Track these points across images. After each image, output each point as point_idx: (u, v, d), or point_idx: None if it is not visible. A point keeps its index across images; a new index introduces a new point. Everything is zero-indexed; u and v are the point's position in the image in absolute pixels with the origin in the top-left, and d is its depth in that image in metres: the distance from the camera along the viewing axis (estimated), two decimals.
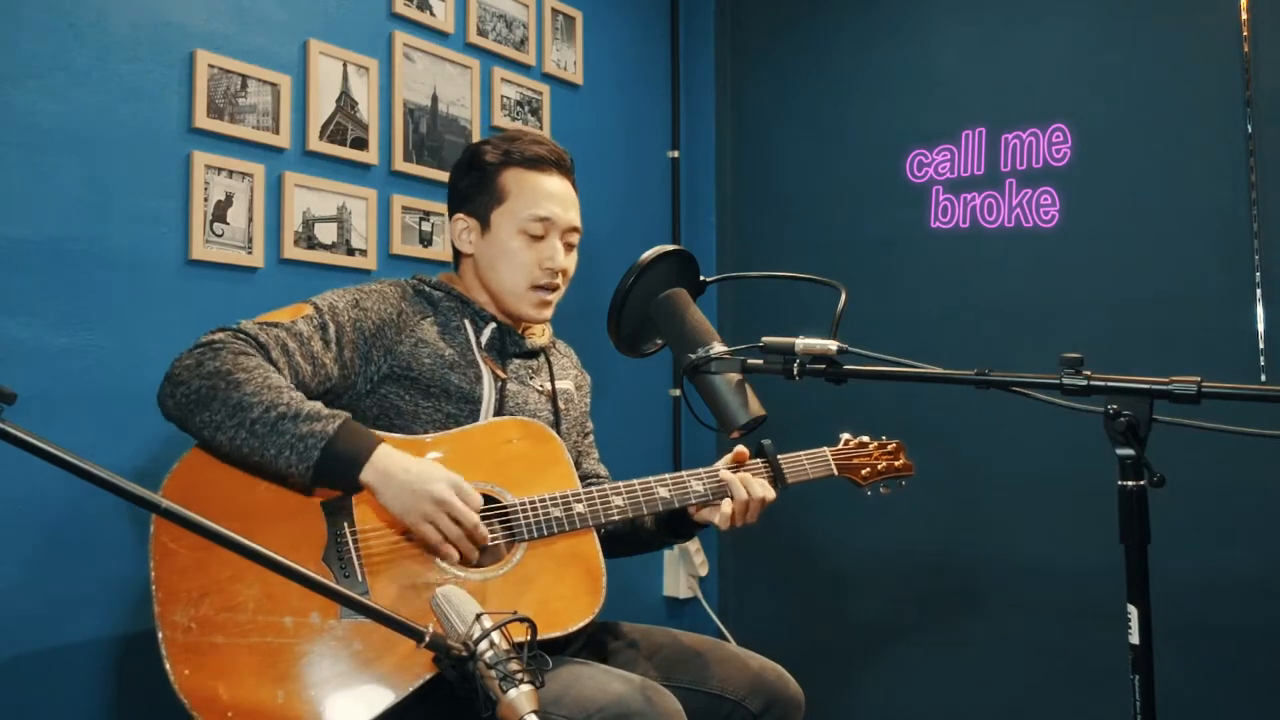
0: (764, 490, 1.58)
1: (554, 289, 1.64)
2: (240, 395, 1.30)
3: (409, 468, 1.34)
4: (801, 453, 1.71)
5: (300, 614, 1.28)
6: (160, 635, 1.23)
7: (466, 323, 1.61)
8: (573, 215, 1.65)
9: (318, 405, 1.34)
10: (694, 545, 2.88)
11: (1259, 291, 2.18)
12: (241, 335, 1.38)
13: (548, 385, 1.67)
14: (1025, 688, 2.41)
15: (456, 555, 1.36)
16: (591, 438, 1.82)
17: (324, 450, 1.30)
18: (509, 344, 1.64)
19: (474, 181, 1.64)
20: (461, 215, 1.66)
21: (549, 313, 1.66)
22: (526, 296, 1.62)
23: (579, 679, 1.35)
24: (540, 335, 1.72)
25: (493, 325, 1.62)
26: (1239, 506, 2.18)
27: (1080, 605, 2.32)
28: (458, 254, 1.69)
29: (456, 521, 1.33)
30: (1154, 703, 0.94)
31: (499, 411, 1.56)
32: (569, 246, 1.66)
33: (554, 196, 1.62)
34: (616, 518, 1.50)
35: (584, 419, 1.79)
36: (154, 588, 1.25)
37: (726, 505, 1.56)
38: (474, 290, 1.67)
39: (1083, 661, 2.33)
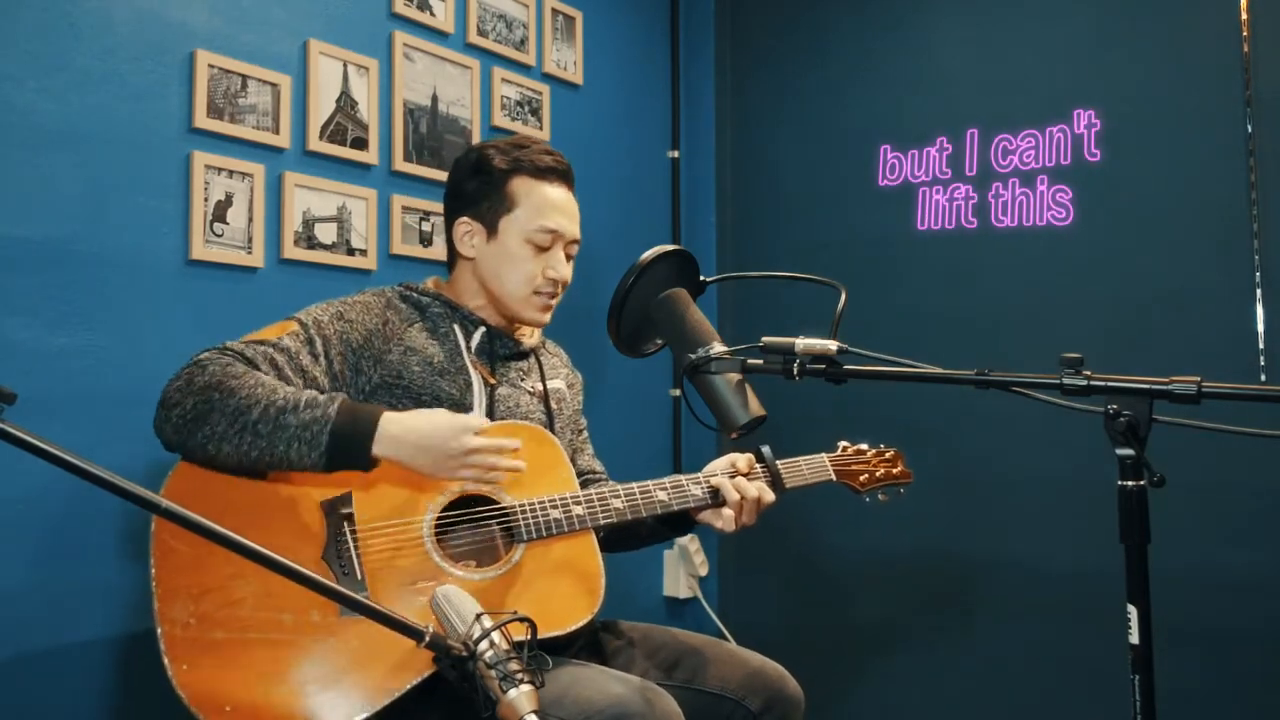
0: (760, 492, 1.59)
1: (553, 296, 1.65)
2: (236, 401, 1.30)
3: (418, 428, 1.35)
4: (800, 458, 1.72)
5: (300, 611, 1.28)
6: (159, 631, 1.23)
7: (456, 328, 1.61)
8: (575, 229, 1.67)
9: (312, 393, 1.35)
10: (694, 545, 2.88)
11: (1259, 291, 2.18)
12: (229, 352, 1.39)
13: (539, 386, 1.68)
14: (1025, 688, 2.41)
15: (505, 478, 1.42)
16: (585, 434, 1.83)
17: (331, 433, 1.30)
18: (499, 347, 1.64)
19: (480, 185, 1.63)
20: (466, 219, 1.65)
21: (549, 317, 1.67)
22: (531, 301, 1.63)
23: (578, 680, 1.35)
24: (529, 336, 1.73)
25: (482, 330, 1.63)
26: (1239, 506, 2.18)
27: (1080, 605, 2.32)
28: (453, 257, 1.69)
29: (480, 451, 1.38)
30: (1154, 703, 0.94)
31: (490, 416, 1.56)
32: (569, 257, 1.68)
33: (561, 209, 1.63)
34: (615, 520, 1.51)
35: (577, 416, 1.80)
36: (154, 584, 1.25)
37: (727, 511, 1.57)
38: (466, 295, 1.67)
39: (1083, 661, 2.33)
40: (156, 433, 1.35)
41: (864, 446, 1.83)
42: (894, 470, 1.82)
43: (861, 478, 1.78)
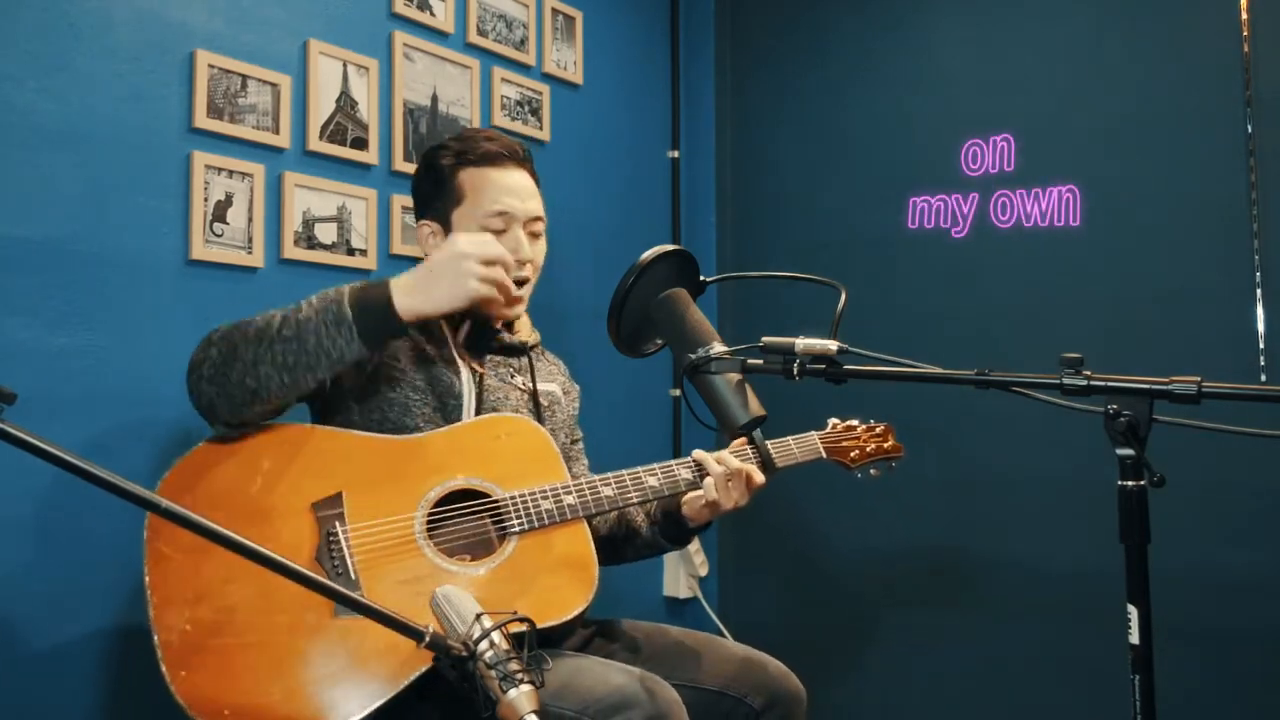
0: (747, 467, 1.58)
1: (522, 281, 1.64)
2: (255, 329, 1.35)
3: (425, 265, 1.42)
4: (789, 437, 1.72)
5: (295, 613, 1.28)
6: (156, 639, 1.23)
7: (443, 321, 1.62)
8: (532, 205, 1.65)
9: (320, 293, 1.39)
10: (694, 545, 2.87)
11: (1259, 291, 2.18)
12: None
13: (530, 384, 1.68)
14: (1025, 687, 2.41)
15: (515, 288, 1.50)
16: (581, 445, 1.83)
17: (351, 306, 1.34)
18: (486, 339, 1.65)
19: (433, 186, 1.66)
20: (426, 220, 1.67)
21: (520, 309, 1.66)
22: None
23: (579, 672, 1.35)
24: (524, 333, 1.73)
25: (468, 323, 1.63)
26: (1239, 506, 2.18)
27: (1080, 605, 2.32)
28: None
29: (493, 262, 1.42)
30: (1154, 703, 0.94)
31: (479, 407, 1.57)
32: (534, 236, 1.66)
33: (511, 189, 1.63)
34: (606, 508, 1.51)
35: (572, 425, 1.80)
36: (149, 593, 1.25)
37: (708, 479, 1.57)
38: None
39: (1083, 661, 2.33)
40: (192, 395, 1.37)
41: (854, 422, 1.82)
42: (885, 444, 1.80)
43: (852, 454, 1.77)
